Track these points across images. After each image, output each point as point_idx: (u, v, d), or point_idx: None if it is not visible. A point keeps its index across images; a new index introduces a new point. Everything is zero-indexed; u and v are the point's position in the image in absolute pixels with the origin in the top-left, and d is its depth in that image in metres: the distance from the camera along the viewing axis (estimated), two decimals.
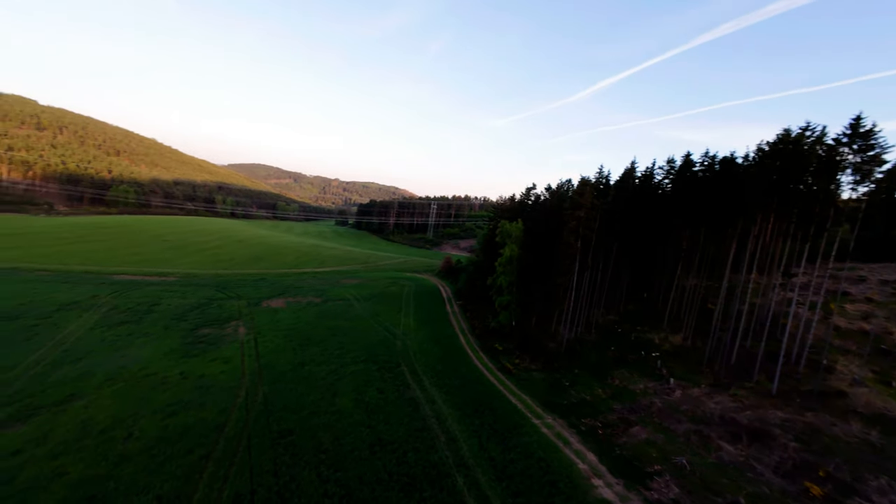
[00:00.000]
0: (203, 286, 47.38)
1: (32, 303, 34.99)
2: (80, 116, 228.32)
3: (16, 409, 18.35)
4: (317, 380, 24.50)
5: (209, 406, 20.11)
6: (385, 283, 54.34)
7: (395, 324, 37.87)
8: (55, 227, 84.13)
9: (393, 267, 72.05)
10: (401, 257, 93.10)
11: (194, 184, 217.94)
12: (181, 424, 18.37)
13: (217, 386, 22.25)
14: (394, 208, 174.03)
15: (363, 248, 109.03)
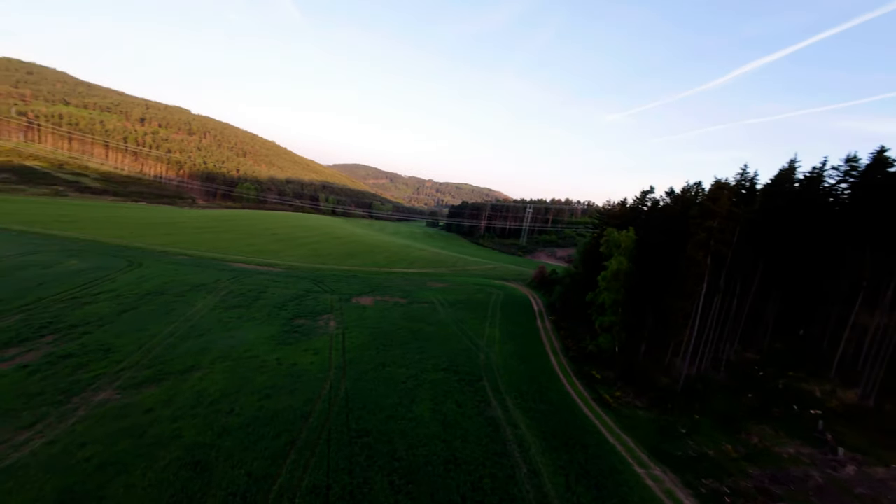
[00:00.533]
0: (302, 279, 53.41)
1: (173, 282, 43.31)
2: (220, 122, 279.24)
3: (152, 373, 22.70)
4: (396, 383, 25.49)
5: (298, 394, 22.31)
6: (472, 290, 54.68)
7: (480, 334, 37.65)
8: (195, 217, 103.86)
9: (481, 273, 72.28)
10: (490, 263, 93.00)
11: (303, 182, 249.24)
12: (273, 408, 20.69)
13: (306, 375, 24.61)
14: (485, 211, 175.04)
15: (452, 251, 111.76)
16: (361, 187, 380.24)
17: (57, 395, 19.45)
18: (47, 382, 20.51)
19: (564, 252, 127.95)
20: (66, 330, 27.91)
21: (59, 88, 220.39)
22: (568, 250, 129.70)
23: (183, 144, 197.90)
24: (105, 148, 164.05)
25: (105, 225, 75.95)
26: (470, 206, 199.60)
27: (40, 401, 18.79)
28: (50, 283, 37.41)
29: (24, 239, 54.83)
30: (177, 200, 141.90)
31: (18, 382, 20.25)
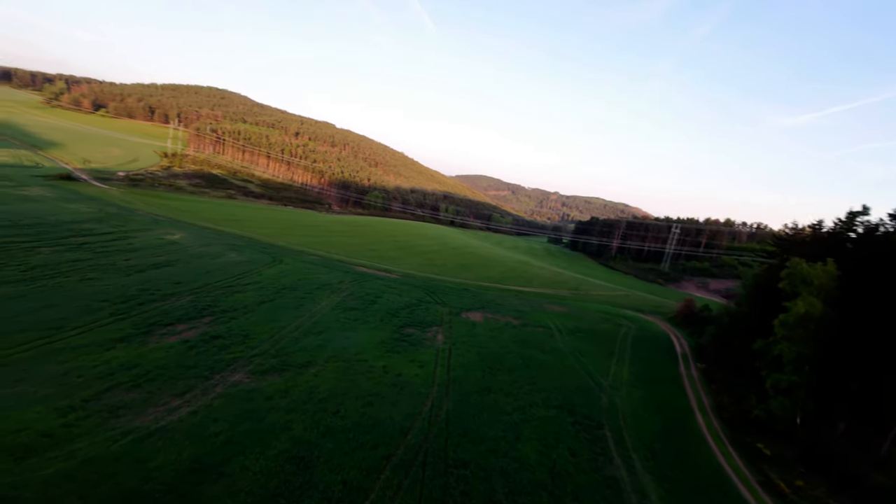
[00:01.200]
0: (416, 287, 56.16)
1: (306, 279, 49.72)
2: (358, 135, 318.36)
3: (277, 363, 25.89)
4: (501, 412, 24.33)
5: (399, 406, 22.88)
6: (596, 318, 50.22)
7: (603, 371, 33.98)
8: (329, 222, 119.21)
9: (609, 300, 66.21)
10: (621, 289, 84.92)
11: (425, 192, 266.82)
12: (375, 416, 21.55)
13: (409, 388, 25.18)
14: (619, 229, 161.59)
15: (575, 272, 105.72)
16: (482, 198, 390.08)
17: (204, 370, 23.45)
18: (199, 358, 24.96)
19: (721, 284, 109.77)
20: (219, 314, 33.97)
21: (241, 109, 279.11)
22: (726, 282, 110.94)
23: (326, 155, 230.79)
24: (267, 158, 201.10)
25: (260, 224, 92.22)
26: (600, 223, 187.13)
27: (192, 374, 22.86)
28: (214, 272, 46.35)
29: (203, 233, 69.56)
30: (316, 206, 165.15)
31: (180, 355, 25.07)
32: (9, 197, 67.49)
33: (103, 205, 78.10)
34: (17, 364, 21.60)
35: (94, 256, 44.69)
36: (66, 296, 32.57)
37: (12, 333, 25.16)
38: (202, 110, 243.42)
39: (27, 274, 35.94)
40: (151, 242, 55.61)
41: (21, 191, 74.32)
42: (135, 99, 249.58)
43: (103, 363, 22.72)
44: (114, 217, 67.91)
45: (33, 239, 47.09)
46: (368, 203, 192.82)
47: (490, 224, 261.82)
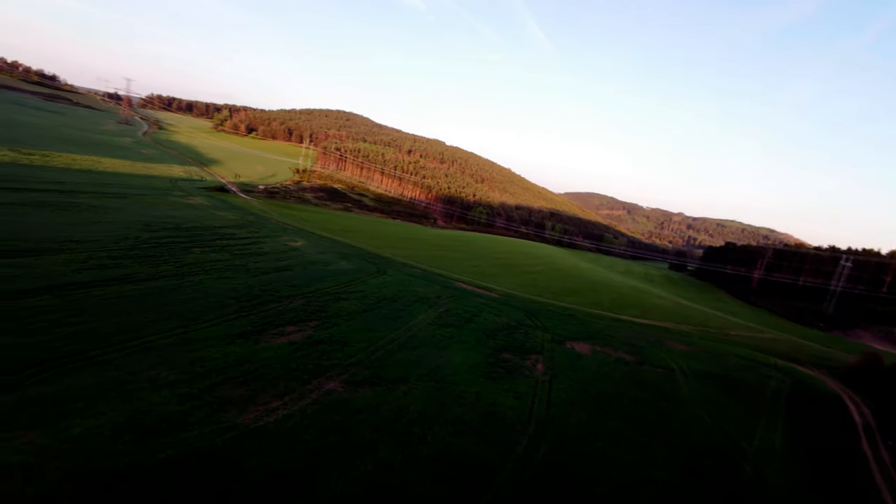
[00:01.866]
0: (516, 308, 53.78)
1: (406, 291, 50.93)
2: (466, 152, 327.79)
3: (370, 374, 26.04)
4: (611, 467, 20.88)
5: (490, 441, 21.00)
6: (734, 364, 42.05)
7: (745, 433, 27.69)
8: (433, 236, 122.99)
9: (750, 343, 55.47)
10: (766, 331, 71.17)
11: (531, 209, 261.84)
12: (462, 448, 20.00)
13: (503, 421, 23.15)
14: (763, 257, 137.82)
15: (704, 306, 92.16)
16: (593, 217, 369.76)
17: (303, 374, 24.48)
18: (301, 361, 26.26)
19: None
20: (325, 318, 36.02)
21: (362, 129, 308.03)
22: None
23: (434, 171, 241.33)
24: (381, 174, 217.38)
25: (370, 236, 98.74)
26: (738, 250, 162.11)
27: (292, 376, 23.99)
28: (326, 279, 49.97)
29: (320, 242, 76.42)
30: (422, 220, 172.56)
31: (285, 356, 26.69)
32: (179, 205, 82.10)
33: (245, 213, 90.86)
34: (160, 349, 24.92)
35: (232, 258, 51.36)
36: (205, 291, 37.51)
37: (162, 321, 29.44)
38: (330, 131, 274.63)
39: (180, 270, 42.42)
40: (277, 248, 62.46)
41: (188, 199, 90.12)
42: (278, 123, 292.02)
43: (222, 356, 25.10)
44: (251, 224, 78.26)
45: (189, 240, 55.99)
46: (472, 218, 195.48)
47: (601, 245, 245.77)
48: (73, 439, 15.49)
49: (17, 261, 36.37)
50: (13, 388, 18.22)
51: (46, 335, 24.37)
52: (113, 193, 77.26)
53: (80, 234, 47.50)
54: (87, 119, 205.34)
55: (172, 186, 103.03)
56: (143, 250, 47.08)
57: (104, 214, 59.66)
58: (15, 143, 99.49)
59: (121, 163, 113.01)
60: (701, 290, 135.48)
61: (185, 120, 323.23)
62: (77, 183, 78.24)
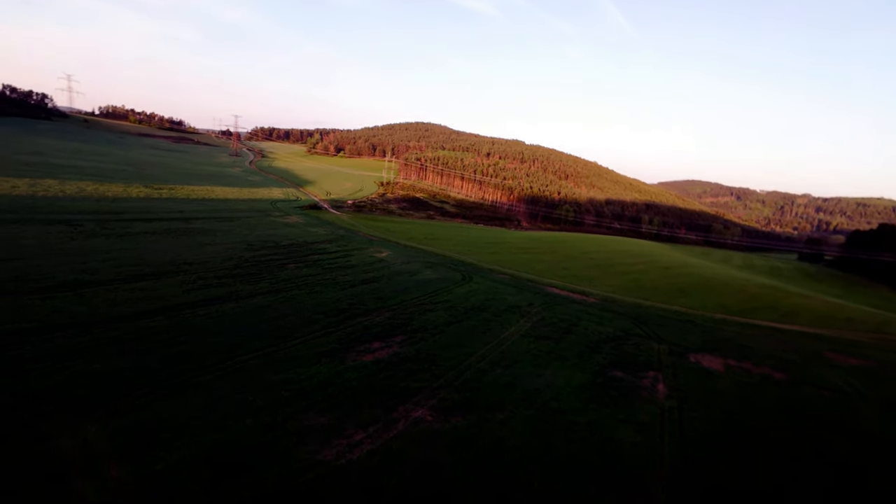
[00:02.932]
0: (620, 315, 47.47)
1: (493, 300, 47.67)
2: (548, 150, 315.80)
3: (461, 399, 23.14)
4: None
5: (612, 491, 16.71)
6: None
7: None
8: (518, 238, 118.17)
9: None
10: None
11: (623, 203, 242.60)
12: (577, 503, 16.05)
13: (625, 462, 18.58)
14: None
15: (863, 304, 74.89)
16: (696, 207, 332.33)
17: (389, 398, 22.38)
18: (387, 383, 24.29)
19: None
20: (411, 333, 34.17)
21: (440, 138, 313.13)
22: None
23: (515, 172, 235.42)
24: (461, 180, 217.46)
25: (454, 242, 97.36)
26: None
27: (378, 401, 21.98)
28: (411, 289, 48.71)
29: (405, 251, 76.46)
30: (505, 222, 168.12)
31: (371, 377, 24.96)
32: (277, 224, 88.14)
33: (335, 228, 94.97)
34: (248, 370, 24.66)
35: (322, 272, 52.52)
36: (296, 307, 37.97)
37: (254, 339, 29.73)
38: (410, 143, 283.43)
39: (275, 286, 43.89)
40: (364, 260, 63.23)
41: (285, 219, 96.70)
42: (363, 140, 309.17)
43: (307, 378, 24.06)
44: (341, 238, 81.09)
45: (285, 256, 58.75)
46: (559, 217, 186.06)
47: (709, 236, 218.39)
48: (155, 475, 14.72)
49: (140, 284, 39.94)
50: (116, 413, 18.50)
51: (154, 357, 25.38)
52: (222, 217, 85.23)
53: (193, 257, 51.79)
54: (205, 155, 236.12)
55: (272, 208, 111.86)
56: (245, 269, 49.80)
57: (214, 237, 65.26)
58: (150, 179, 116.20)
59: (230, 190, 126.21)
60: (850, 284, 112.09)
61: (283, 147, 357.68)
62: (194, 210, 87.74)
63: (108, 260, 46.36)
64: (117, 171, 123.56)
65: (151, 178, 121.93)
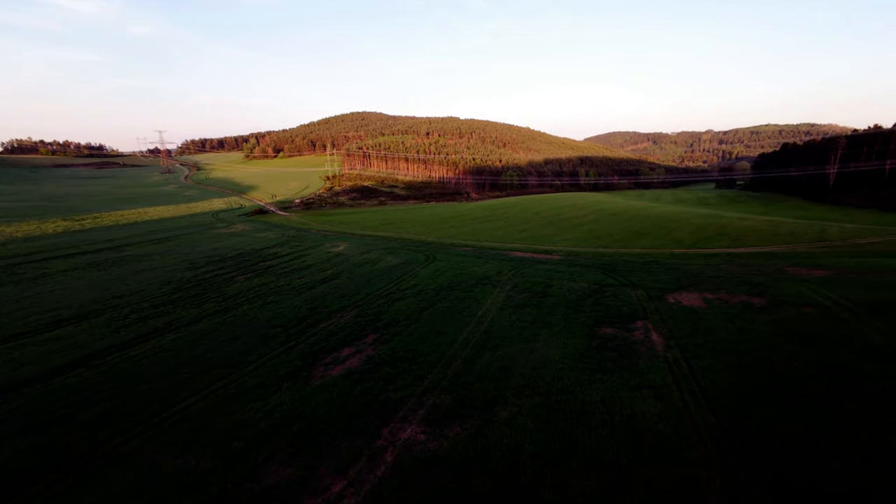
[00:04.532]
0: (588, 267, 44.75)
1: (462, 275, 43.30)
2: (481, 122, 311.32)
3: (453, 401, 18.62)
4: None
5: (659, 486, 12.97)
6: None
7: None
8: (470, 209, 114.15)
9: (890, 248, 43.10)
10: (880, 230, 57.29)
11: (560, 161, 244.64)
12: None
13: (660, 444, 14.90)
14: (837, 149, 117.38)
15: (788, 217, 77.72)
16: (622, 155, 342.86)
17: (370, 421, 17.48)
18: (364, 400, 19.32)
19: None
20: (382, 329, 29.14)
21: (378, 125, 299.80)
22: None
23: (456, 147, 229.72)
24: (406, 162, 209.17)
25: (410, 224, 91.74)
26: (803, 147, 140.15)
27: (357, 428, 17.03)
28: (375, 280, 43.29)
29: (363, 241, 70.19)
30: (456, 196, 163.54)
31: (344, 396, 19.86)
32: (221, 236, 78.47)
33: (285, 230, 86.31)
34: (193, 419, 18.85)
35: (276, 278, 45.80)
36: (248, 325, 31.74)
37: (199, 374, 23.66)
38: (349, 134, 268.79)
39: (222, 304, 37.10)
40: (321, 257, 56.66)
41: (230, 229, 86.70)
42: (300, 138, 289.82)
43: (266, 414, 18.62)
44: (293, 239, 73.27)
45: (233, 269, 51.12)
46: (505, 183, 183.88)
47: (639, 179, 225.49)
48: None
49: (56, 332, 32.07)
50: None
51: (66, 426, 18.91)
52: (159, 239, 74.61)
53: (124, 289, 43.44)
54: (135, 177, 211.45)
55: (215, 220, 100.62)
56: (187, 291, 42.37)
57: (150, 262, 56.07)
58: (70, 211, 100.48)
59: (165, 209, 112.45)
60: (767, 201, 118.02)
61: (219, 157, 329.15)
62: (125, 237, 76.28)
63: (15, 311, 37.41)
64: (29, 207, 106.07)
65: (71, 209, 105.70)
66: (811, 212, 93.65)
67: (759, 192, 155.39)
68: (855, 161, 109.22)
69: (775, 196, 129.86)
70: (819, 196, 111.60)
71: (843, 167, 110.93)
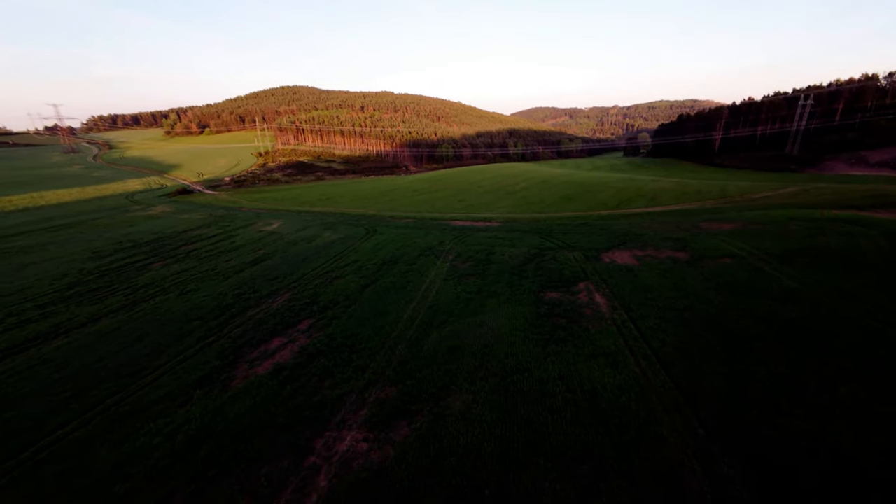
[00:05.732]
0: (526, 232, 42.93)
1: (404, 247, 39.34)
2: (416, 96, 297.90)
3: (399, 395, 15.23)
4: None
5: (637, 478, 10.79)
6: (799, 231, 32.36)
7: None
8: (410, 182, 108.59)
9: (781, 201, 46.05)
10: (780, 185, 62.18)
11: (491, 133, 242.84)
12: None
13: (627, 424, 12.73)
14: (721, 118, 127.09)
15: (685, 178, 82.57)
16: (544, 128, 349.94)
17: (302, 432, 13.56)
18: (295, 402, 15.26)
19: (886, 154, 78.36)
20: (319, 312, 24.70)
21: (311, 99, 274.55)
22: (893, 150, 79.03)
23: (392, 121, 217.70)
24: (342, 136, 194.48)
25: (350, 198, 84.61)
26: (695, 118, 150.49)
27: (285, 442, 13.06)
28: (311, 258, 37.89)
29: (299, 217, 62.79)
30: (395, 169, 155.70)
31: (270, 400, 15.60)
32: (137, 219, 66.37)
33: (213, 209, 75.43)
34: (64, 456, 13.58)
35: (198, 263, 38.59)
36: (160, 320, 25.49)
37: (87, 391, 17.86)
38: (280, 108, 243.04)
39: (130, 297, 29.96)
40: (252, 237, 49.31)
41: (148, 211, 73.83)
42: (227, 113, 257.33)
43: (166, 438, 13.90)
44: (221, 220, 63.82)
45: (149, 255, 42.59)
46: (441, 155, 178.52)
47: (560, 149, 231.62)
48: None
49: None
50: None
51: None
52: (57, 226, 61.03)
53: (3, 287, 33.90)
54: (29, 157, 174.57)
55: (130, 202, 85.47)
56: (87, 284, 34.11)
57: (42, 253, 45.08)
58: None
59: (66, 192, 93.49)
60: (667, 165, 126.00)
61: (135, 134, 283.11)
62: (13, 226, 61.55)
63: None
64: None
65: None
66: (702, 173, 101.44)
67: (659, 157, 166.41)
68: (735, 128, 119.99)
69: (672, 161, 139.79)
70: (707, 160, 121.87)
71: (726, 133, 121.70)
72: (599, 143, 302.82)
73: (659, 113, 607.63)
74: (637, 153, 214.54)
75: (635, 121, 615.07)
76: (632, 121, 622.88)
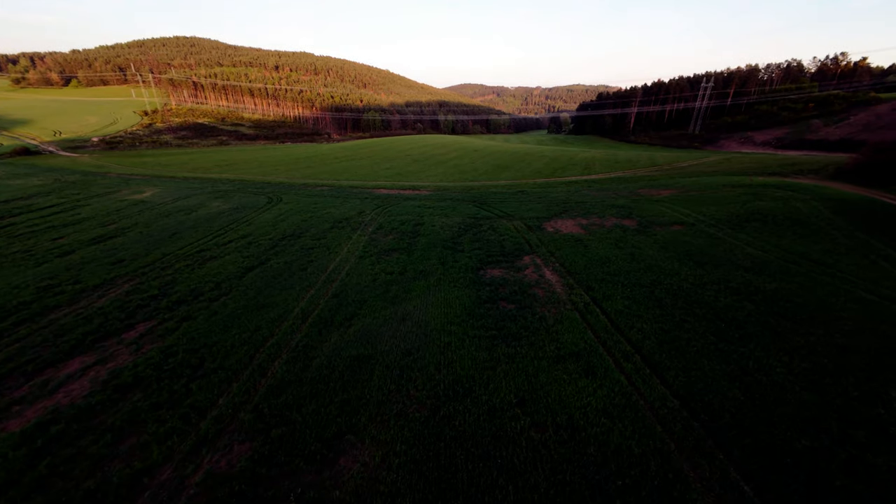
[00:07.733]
0: (459, 201, 37.38)
1: (312, 218, 31.40)
2: (339, 60, 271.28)
3: (255, 459, 8.61)
4: None
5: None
6: (739, 197, 30.95)
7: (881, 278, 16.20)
8: (332, 150, 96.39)
9: (709, 170, 46.02)
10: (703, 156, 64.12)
11: (421, 104, 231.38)
12: None
13: (629, 487, 7.93)
14: (636, 97, 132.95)
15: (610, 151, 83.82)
16: (475, 103, 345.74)
17: None
18: (69, 477, 7.81)
19: (767, 135, 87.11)
20: (167, 309, 16.53)
21: (214, 55, 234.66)
22: (772, 132, 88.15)
23: (311, 84, 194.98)
24: (252, 97, 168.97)
25: (257, 165, 71.37)
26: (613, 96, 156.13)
27: None
28: (184, 232, 28.24)
29: (185, 184, 49.95)
30: (315, 137, 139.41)
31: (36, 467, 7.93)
32: None
33: (63, 174, 58.00)
34: None
35: (8, 243, 26.78)
36: None
37: None
38: (174, 61, 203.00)
39: None
40: (107, 207, 37.03)
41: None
42: (102, 62, 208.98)
43: None
44: (70, 186, 48.41)
45: None
46: (368, 123, 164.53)
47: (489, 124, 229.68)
48: None
49: None
50: None
51: None
52: None
53: None
54: None
55: None
56: None
57: None
58: None
59: None
60: (589, 142, 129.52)
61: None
62: None
63: None
64: None
65: None
66: (620, 149, 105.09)
67: (581, 135, 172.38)
68: (647, 106, 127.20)
69: (595, 137, 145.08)
70: (624, 137, 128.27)
71: (640, 110, 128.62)
72: (526, 120, 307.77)
73: (577, 96, 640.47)
74: (560, 130, 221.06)
75: (556, 102, 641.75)
76: (553, 102, 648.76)
